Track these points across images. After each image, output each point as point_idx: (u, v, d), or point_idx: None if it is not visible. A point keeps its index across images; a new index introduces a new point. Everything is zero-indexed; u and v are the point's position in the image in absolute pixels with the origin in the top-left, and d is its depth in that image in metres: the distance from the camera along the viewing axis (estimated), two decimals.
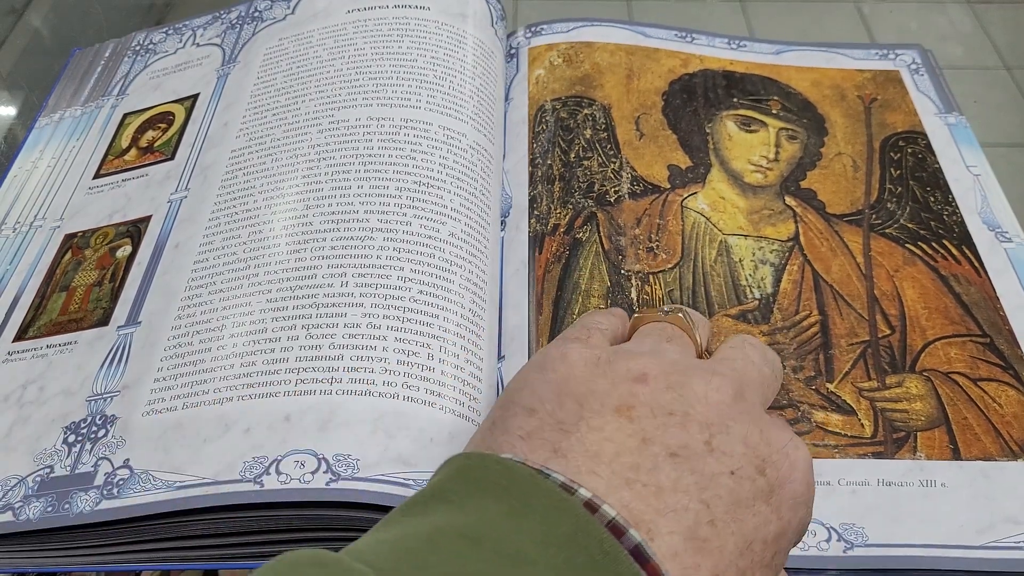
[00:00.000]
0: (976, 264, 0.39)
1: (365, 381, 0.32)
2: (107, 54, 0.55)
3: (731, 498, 0.21)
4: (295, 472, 0.30)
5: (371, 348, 0.33)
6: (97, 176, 0.47)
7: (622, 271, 0.40)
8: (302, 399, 0.32)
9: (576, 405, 0.23)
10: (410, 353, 0.34)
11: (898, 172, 0.43)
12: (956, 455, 0.33)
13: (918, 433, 0.33)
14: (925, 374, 0.35)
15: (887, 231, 0.41)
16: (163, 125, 0.48)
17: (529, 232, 0.41)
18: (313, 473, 0.30)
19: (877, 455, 0.33)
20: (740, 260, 0.40)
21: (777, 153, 0.44)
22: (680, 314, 0.29)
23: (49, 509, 0.32)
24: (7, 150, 0.62)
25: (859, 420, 0.34)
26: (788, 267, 0.39)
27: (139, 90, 0.51)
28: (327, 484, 0.30)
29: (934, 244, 0.40)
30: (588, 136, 0.45)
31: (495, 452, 0.22)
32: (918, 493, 0.32)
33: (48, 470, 0.33)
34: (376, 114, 0.42)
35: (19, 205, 0.47)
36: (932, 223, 0.41)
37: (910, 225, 0.41)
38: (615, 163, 0.44)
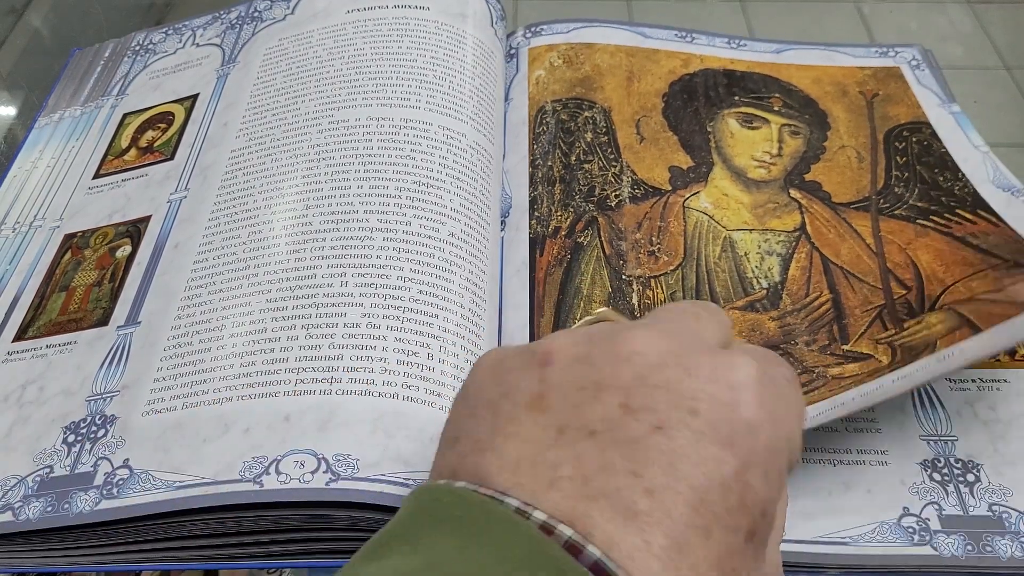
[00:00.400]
0: (994, 220, 0.38)
1: (365, 381, 0.32)
2: (107, 54, 0.55)
3: (666, 457, 0.19)
4: (295, 472, 0.30)
5: (371, 348, 0.33)
6: (97, 176, 0.47)
7: (623, 276, 0.39)
8: (302, 399, 0.32)
9: (490, 414, 0.21)
10: (410, 353, 0.34)
11: (904, 159, 0.43)
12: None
13: (938, 339, 0.33)
14: (946, 308, 0.35)
15: (896, 212, 0.40)
16: (163, 125, 0.48)
17: (530, 233, 0.41)
18: (313, 473, 0.30)
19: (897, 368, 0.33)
20: (746, 254, 0.40)
21: (780, 148, 0.44)
22: (610, 307, 0.28)
23: (49, 509, 0.32)
24: (7, 150, 0.62)
25: (876, 358, 0.34)
26: (796, 255, 0.39)
27: (139, 90, 0.51)
28: (327, 484, 0.30)
29: (946, 215, 0.39)
30: (589, 139, 0.45)
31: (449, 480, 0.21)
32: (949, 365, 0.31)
33: (48, 470, 0.33)
34: (376, 114, 0.42)
35: (19, 205, 0.47)
36: (943, 199, 0.40)
37: (920, 204, 0.40)
38: (616, 167, 0.44)
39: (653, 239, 0.41)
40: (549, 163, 0.44)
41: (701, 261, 0.40)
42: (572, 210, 0.42)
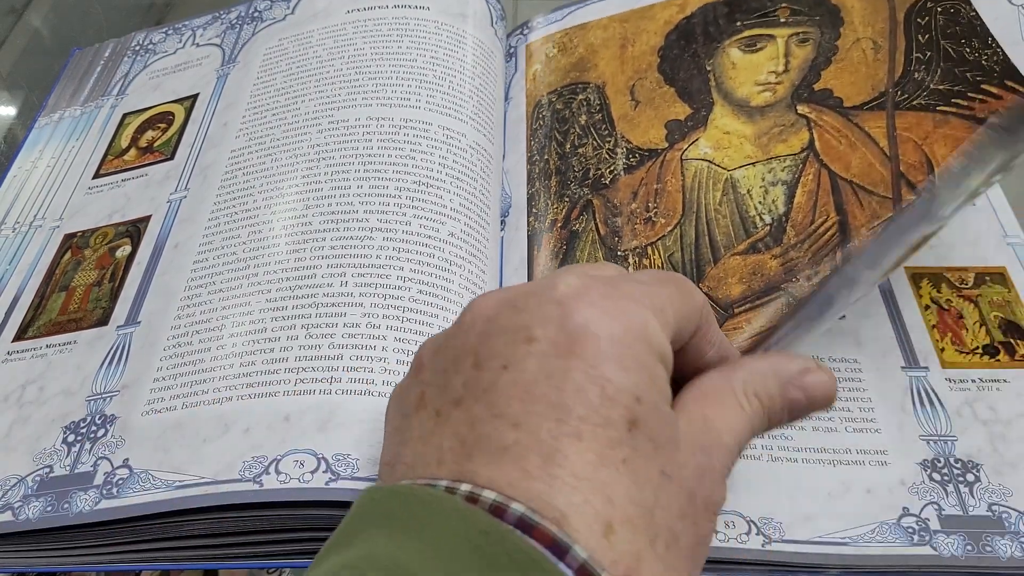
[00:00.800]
0: (1022, 89, 0.34)
1: (365, 381, 0.32)
2: (107, 54, 0.55)
3: (519, 389, 0.20)
4: (295, 472, 0.30)
5: (371, 348, 0.33)
6: (97, 176, 0.47)
7: (618, 253, 0.39)
8: (301, 399, 0.32)
9: (396, 436, 0.23)
10: (410, 353, 0.34)
11: (927, 36, 0.39)
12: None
13: None
14: None
15: (915, 103, 0.37)
16: (163, 125, 0.48)
17: (528, 231, 0.41)
18: (313, 473, 0.30)
19: None
20: (748, 191, 0.38)
21: (787, 63, 0.42)
22: None
23: (48, 509, 0.32)
24: (7, 150, 0.62)
25: None
26: (802, 179, 0.37)
27: (139, 90, 0.51)
28: (327, 484, 0.30)
29: (970, 94, 0.36)
30: (583, 122, 0.44)
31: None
32: None
33: (48, 470, 0.33)
34: (376, 114, 0.42)
35: (19, 205, 0.47)
36: (968, 74, 0.37)
37: (942, 87, 0.37)
38: (610, 142, 0.43)
39: (649, 205, 0.39)
40: (546, 157, 0.44)
41: (701, 212, 0.38)
42: (567, 199, 0.41)
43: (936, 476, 0.33)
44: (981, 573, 0.30)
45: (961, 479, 0.32)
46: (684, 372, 0.25)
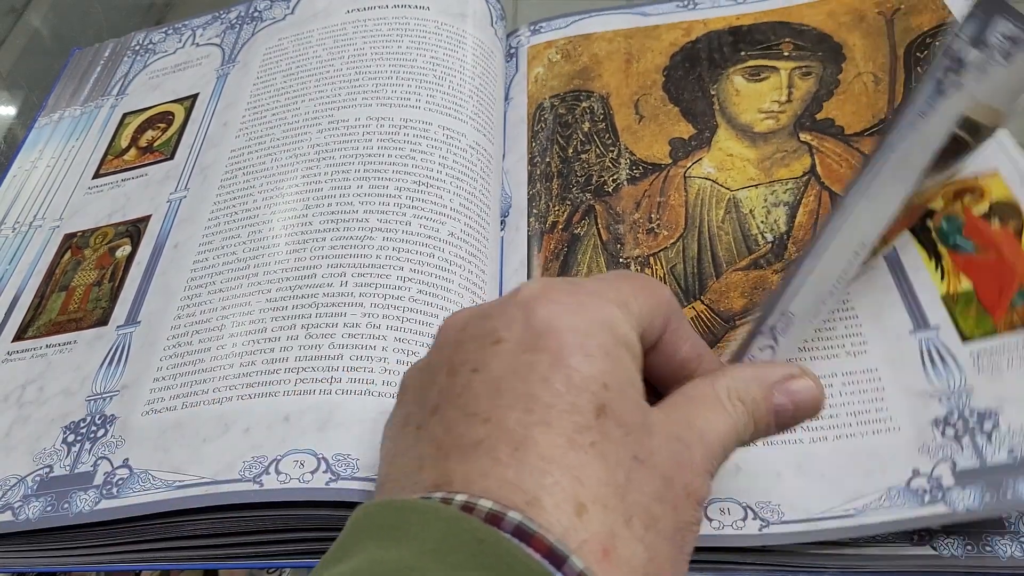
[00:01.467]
0: None
1: (365, 381, 0.32)
2: (107, 54, 0.55)
3: (488, 387, 0.21)
4: (295, 472, 0.30)
5: (371, 348, 0.33)
6: (96, 176, 0.47)
7: (620, 260, 0.39)
8: (301, 399, 0.32)
9: (386, 459, 0.24)
10: (410, 353, 0.34)
11: (925, 69, 0.40)
12: None
13: None
14: None
15: None
16: (162, 125, 0.48)
17: (528, 231, 0.41)
18: (313, 473, 0.30)
19: None
20: (751, 211, 0.38)
21: (790, 94, 0.42)
22: None
23: (48, 509, 0.32)
24: (7, 150, 0.62)
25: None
26: (804, 200, 0.38)
27: (138, 90, 0.51)
28: (327, 484, 0.30)
29: None
30: (586, 129, 0.44)
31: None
32: None
33: (47, 470, 0.33)
34: (375, 114, 0.42)
35: (19, 205, 0.47)
36: None
37: None
38: (613, 151, 0.43)
39: (652, 216, 0.40)
40: (547, 159, 0.44)
41: (703, 228, 0.38)
42: (569, 203, 0.41)
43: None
44: (981, 573, 0.30)
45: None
46: (663, 372, 0.25)
